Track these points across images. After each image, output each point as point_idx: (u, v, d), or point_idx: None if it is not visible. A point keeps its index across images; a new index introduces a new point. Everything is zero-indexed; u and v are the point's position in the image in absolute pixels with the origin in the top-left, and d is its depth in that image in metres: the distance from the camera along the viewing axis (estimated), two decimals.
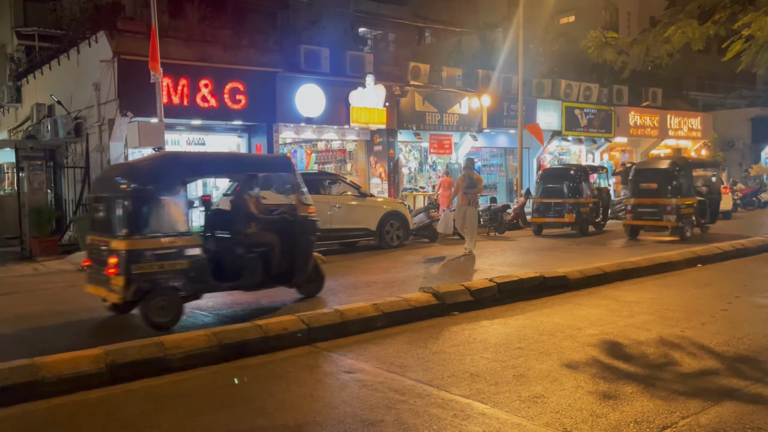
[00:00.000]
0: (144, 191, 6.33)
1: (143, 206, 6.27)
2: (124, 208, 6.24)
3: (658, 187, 13.92)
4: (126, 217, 6.20)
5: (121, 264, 6.03)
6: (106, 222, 6.51)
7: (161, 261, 6.21)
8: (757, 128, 34.66)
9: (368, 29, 26.73)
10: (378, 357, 5.28)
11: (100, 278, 6.40)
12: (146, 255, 6.14)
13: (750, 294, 7.54)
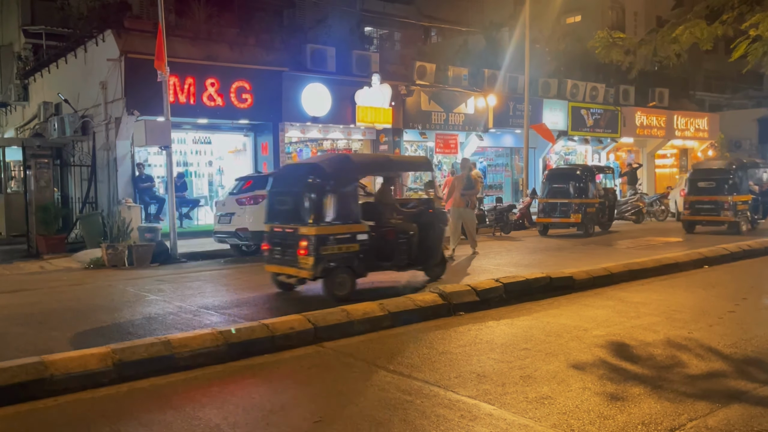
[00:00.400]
0: (328, 187, 7.56)
1: (327, 199, 7.52)
2: (311, 200, 7.51)
3: (716, 185, 15.20)
4: (314, 208, 7.46)
5: (311, 247, 7.28)
6: (293, 213, 7.78)
7: (340, 244, 7.49)
8: (764, 128, 34.48)
9: (374, 28, 26.72)
10: (385, 356, 5.28)
11: (286, 259, 7.70)
12: (330, 239, 7.42)
13: (757, 295, 7.51)
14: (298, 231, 7.49)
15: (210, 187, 17.17)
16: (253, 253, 12.45)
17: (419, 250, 8.31)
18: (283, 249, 7.76)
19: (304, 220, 7.49)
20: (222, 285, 9.31)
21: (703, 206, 15.32)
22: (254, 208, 11.58)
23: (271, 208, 8.26)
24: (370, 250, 7.71)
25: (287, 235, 7.70)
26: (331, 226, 7.47)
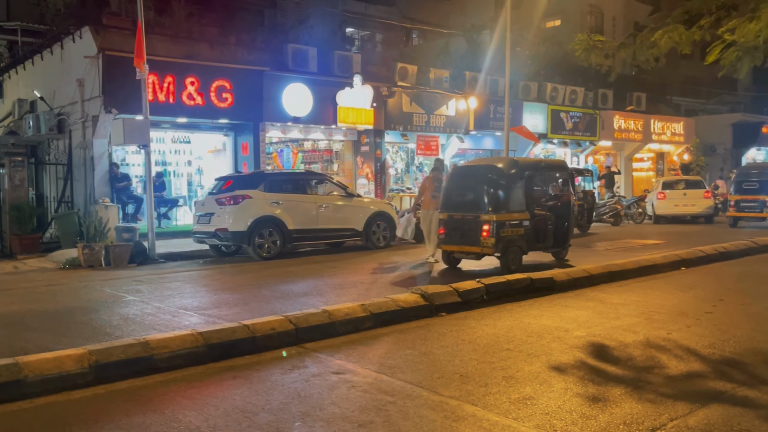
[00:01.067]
0: (503, 183, 9.61)
1: (503, 192, 9.56)
2: (491, 194, 9.58)
3: (759, 186, 17.60)
4: (494, 199, 9.53)
5: (492, 230, 9.29)
6: (472, 204, 9.73)
7: (512, 228, 9.48)
8: (738, 133, 35.12)
9: (356, 29, 26.68)
10: (367, 358, 5.25)
11: (466, 240, 9.62)
12: (506, 224, 9.42)
13: (733, 297, 7.62)
14: (479, 218, 9.45)
15: (189, 186, 16.99)
16: (232, 254, 12.35)
17: (560, 235, 10.31)
18: (462, 232, 9.70)
19: (485, 209, 9.48)
20: (201, 286, 9.21)
21: (747, 204, 17.94)
22: (234, 208, 11.49)
23: (449, 200, 10.19)
24: (530, 234, 9.73)
25: (467, 221, 9.65)
26: (507, 213, 9.46)
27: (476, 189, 9.80)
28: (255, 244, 11.50)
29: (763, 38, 8.73)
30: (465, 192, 10.03)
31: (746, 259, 11.13)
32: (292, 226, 11.91)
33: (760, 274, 9.61)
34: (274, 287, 8.67)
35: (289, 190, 12.33)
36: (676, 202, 19.91)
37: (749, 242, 12.13)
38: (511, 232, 9.45)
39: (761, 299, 7.49)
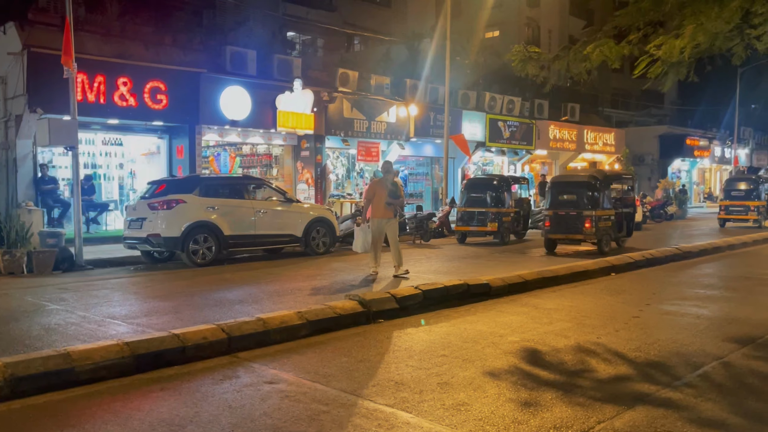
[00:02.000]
0: (598, 188, 12.96)
1: (598, 194, 12.90)
2: (590, 196, 12.87)
3: (744, 193, 21.34)
4: (592, 200, 12.81)
5: (593, 222, 12.60)
6: (575, 203, 12.93)
7: (605, 221, 12.90)
8: (664, 145, 36.85)
9: (297, 34, 26.48)
10: (301, 366, 5.16)
11: (571, 230, 12.86)
12: (601, 218, 12.75)
13: (659, 301, 7.92)
14: (582, 213, 12.74)
15: (120, 190, 16.41)
16: (165, 260, 11.97)
17: (629, 227, 14.05)
18: (567, 225, 12.91)
19: (587, 207, 12.78)
20: (131, 293, 8.87)
21: (734, 208, 21.60)
22: (167, 213, 11.14)
23: (554, 200, 13.31)
24: (614, 225, 13.23)
25: (571, 216, 12.86)
26: (601, 210, 12.81)
27: (578, 193, 13.07)
28: (189, 251, 11.18)
29: (686, 54, 9.16)
30: (567, 195, 13.21)
31: (671, 264, 11.62)
32: (229, 232, 11.65)
33: (682, 280, 10.03)
34: (208, 295, 8.43)
35: (225, 194, 12.06)
36: None
37: (674, 249, 12.67)
38: (603, 224, 12.83)
39: (684, 303, 7.81)
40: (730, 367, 5.03)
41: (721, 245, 14.15)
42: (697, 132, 38.81)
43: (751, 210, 21.54)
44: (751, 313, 7.16)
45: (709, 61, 10.45)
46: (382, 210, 9.72)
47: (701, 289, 8.87)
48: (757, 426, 3.83)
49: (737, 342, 5.79)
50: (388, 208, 9.73)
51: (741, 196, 21.87)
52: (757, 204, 20.33)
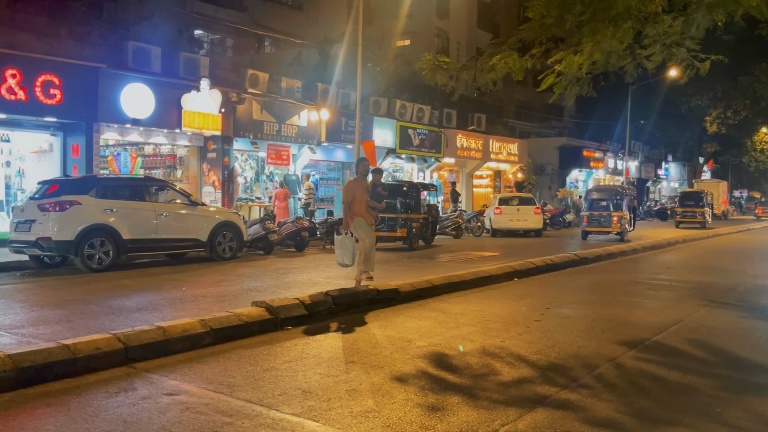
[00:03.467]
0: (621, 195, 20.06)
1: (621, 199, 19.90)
2: (616, 202, 19.82)
3: (695, 202, 29.22)
4: (618, 204, 19.71)
5: (620, 220, 19.42)
6: (606, 206, 19.69)
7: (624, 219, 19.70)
8: (563, 156, 38.80)
9: (205, 32, 25.68)
10: (204, 376, 4.95)
11: (603, 225, 19.83)
12: (623, 218, 19.63)
13: (559, 305, 8.27)
14: (611, 213, 19.48)
15: (7, 190, 15.20)
16: (57, 266, 11.21)
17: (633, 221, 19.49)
18: (599, 222, 19.72)
19: (614, 209, 19.47)
20: (17, 301, 8.21)
21: (687, 215, 29.07)
22: (59, 215, 10.45)
23: (591, 205, 20.22)
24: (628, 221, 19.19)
25: (602, 217, 19.65)
26: (622, 212, 19.30)
27: (608, 199, 20.11)
28: (84, 255, 10.52)
29: (585, 70, 9.67)
30: (600, 201, 20.21)
31: (569, 270, 12.20)
32: (128, 236, 11.07)
33: (580, 284, 10.55)
34: (104, 302, 7.96)
35: (125, 196, 11.46)
36: (511, 217, 21.46)
37: (572, 255, 13.32)
38: (624, 220, 19.60)
39: (581, 307, 8.20)
40: (622, 368, 5.31)
41: (614, 252, 15.03)
42: (593, 144, 41.17)
43: (700, 215, 28.24)
44: (642, 316, 7.62)
45: (604, 77, 11.09)
46: (363, 214, 8.60)
47: (597, 294, 9.36)
48: (646, 424, 4.05)
49: (628, 344, 6.12)
50: (369, 213, 8.70)
51: (693, 204, 28.77)
52: (705, 210, 24.04)
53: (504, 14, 42.33)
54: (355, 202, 8.53)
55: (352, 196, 8.54)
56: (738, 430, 3.95)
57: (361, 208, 8.54)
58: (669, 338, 6.45)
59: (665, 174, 53.68)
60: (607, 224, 19.65)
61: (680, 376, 5.10)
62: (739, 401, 4.48)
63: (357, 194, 8.55)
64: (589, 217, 20.10)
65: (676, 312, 7.87)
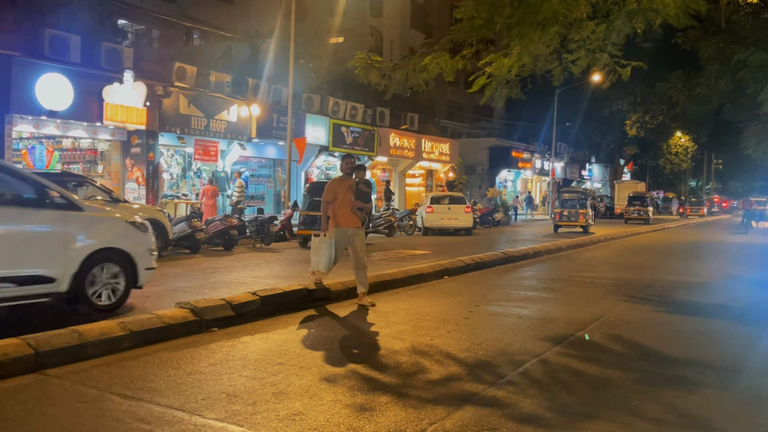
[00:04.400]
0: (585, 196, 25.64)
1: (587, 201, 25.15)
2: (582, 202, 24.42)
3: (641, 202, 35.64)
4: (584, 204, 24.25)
5: (584, 216, 23.76)
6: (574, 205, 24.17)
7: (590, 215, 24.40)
8: (493, 156, 39.70)
9: (129, 22, 24.70)
10: (122, 382, 4.72)
11: (571, 221, 23.85)
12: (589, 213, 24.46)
13: (487, 303, 8.41)
14: (578, 211, 23.55)
15: None
16: None
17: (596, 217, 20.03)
18: (569, 217, 23.59)
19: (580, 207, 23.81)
20: None
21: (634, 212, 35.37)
22: None
23: (562, 204, 24.44)
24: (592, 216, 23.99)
25: (572, 213, 23.56)
26: (586, 209, 23.63)
27: (576, 200, 24.20)
28: None
29: (514, 72, 9.88)
30: (570, 200, 24.26)
31: (497, 268, 12.45)
32: None
33: (507, 282, 10.78)
34: None
35: None
36: (442, 215, 21.74)
37: (500, 253, 13.60)
38: (589, 216, 23.14)
39: (509, 304, 8.37)
40: (547, 364, 5.44)
41: (540, 250, 15.46)
42: (521, 145, 42.34)
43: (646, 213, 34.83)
44: (566, 312, 7.85)
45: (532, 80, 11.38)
46: (347, 217, 7.86)
47: (523, 291, 9.58)
48: (568, 419, 4.14)
49: (553, 340, 6.29)
50: (354, 215, 7.90)
51: (638, 204, 35.58)
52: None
53: (437, 15, 42.87)
54: (337, 201, 7.80)
55: (333, 195, 7.82)
56: (653, 421, 4.10)
57: (345, 209, 7.80)
58: (591, 334, 6.67)
59: (589, 175, 55.91)
60: (575, 219, 24.19)
61: (600, 370, 5.27)
62: (654, 394, 4.67)
63: (339, 194, 7.81)
64: (560, 213, 24.58)
65: (597, 308, 8.15)
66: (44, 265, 6.46)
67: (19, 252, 6.32)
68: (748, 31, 15.44)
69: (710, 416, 4.23)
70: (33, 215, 6.54)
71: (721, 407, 4.44)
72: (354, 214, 7.85)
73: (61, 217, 6.72)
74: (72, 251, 6.67)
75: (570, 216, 24.03)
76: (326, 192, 7.91)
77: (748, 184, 73.85)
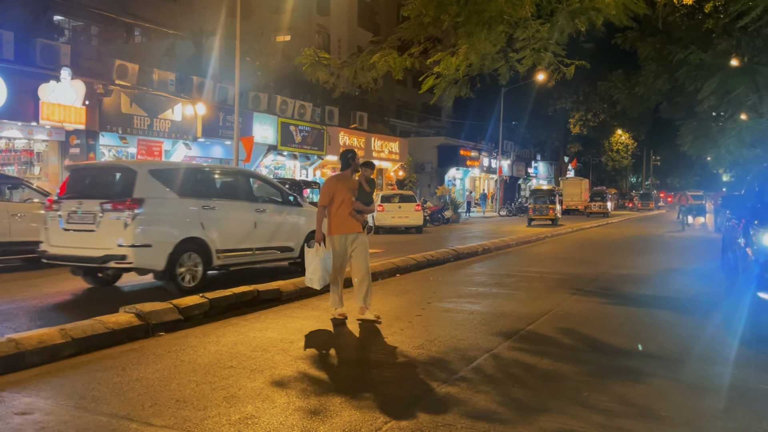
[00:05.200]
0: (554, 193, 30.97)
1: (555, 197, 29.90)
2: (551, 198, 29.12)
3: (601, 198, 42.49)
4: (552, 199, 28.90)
5: (554, 210, 28.31)
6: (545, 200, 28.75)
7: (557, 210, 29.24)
8: (442, 154, 40.09)
9: (67, 18, 23.80)
10: (64, 392, 4.51)
11: (543, 214, 28.06)
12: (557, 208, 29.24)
13: (439, 300, 8.46)
14: (548, 206, 28.07)
15: None
16: None
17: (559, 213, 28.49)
18: (541, 211, 28.08)
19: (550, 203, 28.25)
20: None
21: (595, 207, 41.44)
22: None
23: (536, 199, 28.96)
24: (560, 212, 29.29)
25: (543, 207, 28.04)
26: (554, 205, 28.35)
27: (546, 197, 28.62)
28: None
29: (462, 72, 9.97)
30: (540, 197, 28.84)
31: (448, 265, 12.56)
32: None
33: (458, 279, 10.88)
34: None
35: None
36: (393, 214, 21.81)
37: (451, 251, 13.72)
38: (557, 211, 28.07)
39: (460, 300, 8.44)
40: (499, 359, 5.49)
41: (489, 247, 15.68)
42: (469, 144, 42.92)
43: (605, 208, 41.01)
44: (516, 307, 7.97)
45: (479, 79, 11.52)
46: (346, 222, 6.82)
47: (474, 287, 9.68)
48: (520, 413, 4.19)
49: (504, 335, 6.37)
50: (354, 219, 6.87)
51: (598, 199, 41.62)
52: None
53: (384, 14, 42.97)
54: (335, 204, 6.79)
55: (330, 197, 6.81)
56: (602, 412, 4.19)
57: (344, 213, 6.78)
58: (541, 327, 6.78)
59: (535, 172, 57.17)
60: (546, 213, 28.39)
61: (551, 363, 5.36)
62: (602, 385, 4.78)
63: (338, 195, 6.79)
64: (533, 209, 28.77)
65: (546, 302, 8.31)
66: (290, 241, 10.25)
67: (282, 232, 10.15)
68: (683, 32, 16.09)
69: (656, 405, 4.35)
70: (285, 209, 10.32)
71: (666, 396, 4.57)
72: (354, 216, 6.84)
73: (297, 210, 10.50)
74: (301, 232, 10.40)
75: (541, 210, 28.53)
76: (322, 194, 6.96)
77: (685, 179, 77.17)
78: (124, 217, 8.00)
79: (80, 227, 8.28)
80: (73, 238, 8.35)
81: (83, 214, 8.25)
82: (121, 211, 8.03)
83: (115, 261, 8.02)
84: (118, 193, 8.24)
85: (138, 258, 8.02)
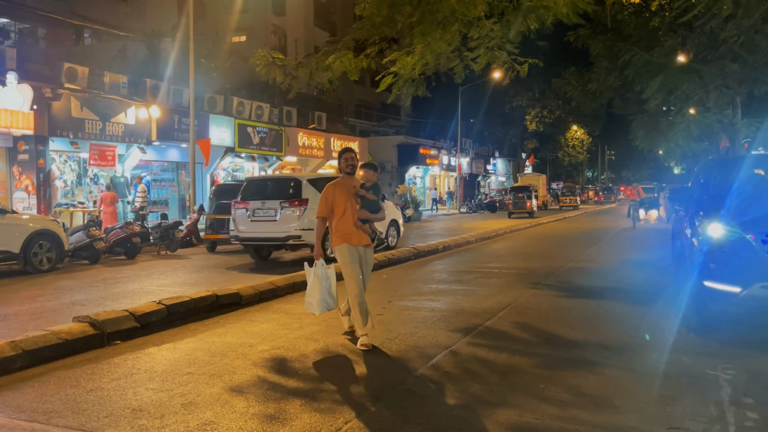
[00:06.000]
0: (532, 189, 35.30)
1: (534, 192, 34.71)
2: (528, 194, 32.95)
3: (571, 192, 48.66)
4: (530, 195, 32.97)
5: (531, 204, 32.60)
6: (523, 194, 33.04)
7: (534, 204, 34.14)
8: (402, 153, 40.26)
9: (12, 21, 23.05)
10: (14, 405, 4.40)
11: (520, 208, 32.58)
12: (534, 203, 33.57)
13: (400, 298, 8.51)
14: (525, 201, 32.41)
15: None
16: None
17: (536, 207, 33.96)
18: (519, 205, 32.53)
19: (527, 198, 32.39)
20: None
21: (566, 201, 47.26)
22: None
23: (514, 196, 33.44)
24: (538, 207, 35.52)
25: (519, 200, 32.59)
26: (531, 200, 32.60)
27: (524, 192, 32.75)
28: None
29: (418, 71, 10.05)
30: (519, 193, 32.91)
31: (409, 263, 12.64)
32: None
33: (419, 276, 10.96)
34: None
35: None
36: None
37: (411, 249, 13.81)
38: (534, 204, 32.80)
39: (420, 298, 8.51)
40: (457, 355, 5.57)
41: (450, 244, 15.83)
42: (429, 142, 43.19)
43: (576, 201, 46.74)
44: (475, 303, 8.08)
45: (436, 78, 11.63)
46: (353, 234, 5.96)
47: (434, 284, 9.77)
48: (478, 408, 4.26)
49: (462, 331, 6.45)
50: (361, 230, 6.02)
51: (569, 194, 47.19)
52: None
53: (340, 14, 42.90)
54: (335, 215, 5.94)
55: (330, 207, 5.95)
56: (557, 402, 4.30)
57: (347, 222, 5.91)
58: (498, 323, 6.89)
59: (493, 169, 57.88)
60: (523, 207, 32.15)
61: (508, 357, 5.46)
62: (557, 377, 4.89)
63: (339, 204, 5.90)
64: (512, 203, 32.95)
65: (504, 297, 8.45)
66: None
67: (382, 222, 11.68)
68: (632, 29, 16.54)
69: (609, 394, 4.48)
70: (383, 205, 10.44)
71: (618, 385, 4.71)
72: (359, 227, 5.97)
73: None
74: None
75: (520, 204, 32.60)
76: (319, 204, 6.04)
77: (638, 173, 79.33)
78: (297, 210, 11.83)
79: (265, 219, 12.01)
80: (260, 226, 12.06)
81: (267, 209, 12.02)
82: (295, 207, 11.86)
83: (293, 239, 11.75)
84: (291, 195, 12.08)
85: (307, 237, 11.63)
